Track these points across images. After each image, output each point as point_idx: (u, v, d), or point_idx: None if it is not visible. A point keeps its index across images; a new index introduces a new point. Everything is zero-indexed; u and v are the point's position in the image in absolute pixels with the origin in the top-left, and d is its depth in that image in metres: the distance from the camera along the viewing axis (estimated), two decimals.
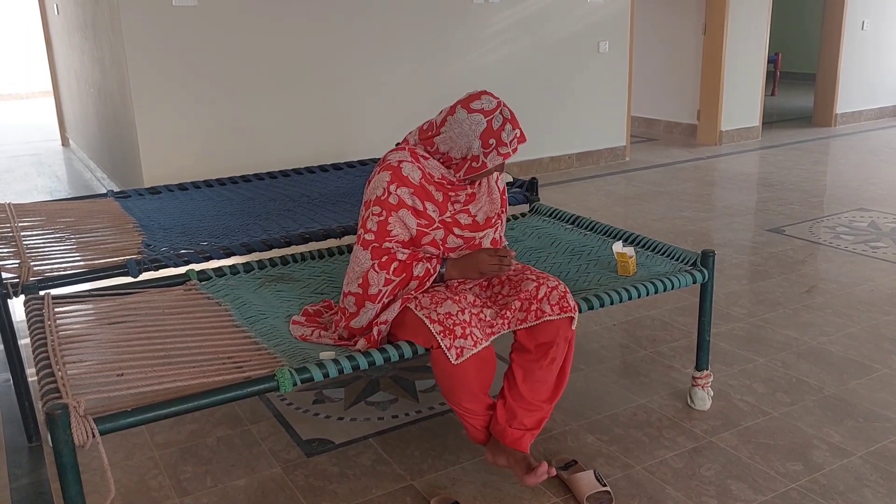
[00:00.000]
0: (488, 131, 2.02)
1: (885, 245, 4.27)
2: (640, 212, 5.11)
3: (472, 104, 2.04)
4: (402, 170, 2.04)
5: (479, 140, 2.02)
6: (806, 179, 5.92)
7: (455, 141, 2.04)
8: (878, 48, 8.40)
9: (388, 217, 2.03)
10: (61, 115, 8.24)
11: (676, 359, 2.97)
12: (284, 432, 2.51)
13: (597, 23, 6.25)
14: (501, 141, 2.02)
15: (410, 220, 2.05)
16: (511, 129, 2.03)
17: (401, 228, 2.05)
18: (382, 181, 2.04)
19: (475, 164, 2.05)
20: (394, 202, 2.03)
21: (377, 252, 2.03)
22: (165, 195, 3.49)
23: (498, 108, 2.04)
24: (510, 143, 2.03)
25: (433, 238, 2.09)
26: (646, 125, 8.27)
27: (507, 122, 2.03)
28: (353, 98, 5.26)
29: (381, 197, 2.03)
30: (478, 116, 2.02)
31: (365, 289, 2.03)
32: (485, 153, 2.02)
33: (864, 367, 2.87)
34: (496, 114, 2.03)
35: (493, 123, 2.02)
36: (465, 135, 2.03)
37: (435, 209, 2.09)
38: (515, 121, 2.05)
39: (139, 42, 4.49)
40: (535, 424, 2.09)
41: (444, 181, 2.10)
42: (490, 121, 2.01)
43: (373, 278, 2.02)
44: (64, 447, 1.54)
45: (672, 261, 2.56)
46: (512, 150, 2.04)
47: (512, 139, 2.03)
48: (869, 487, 2.15)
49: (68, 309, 2.22)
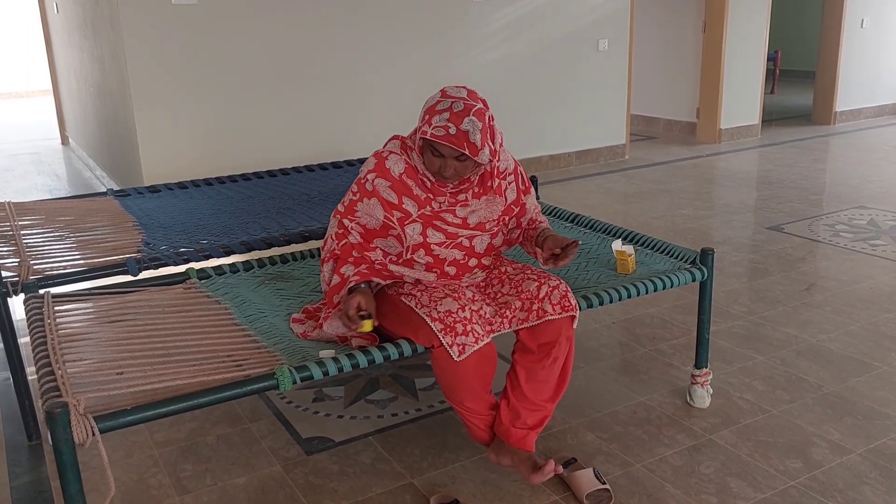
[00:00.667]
0: (430, 107, 1.98)
1: (884, 243, 4.27)
2: (640, 210, 5.11)
3: (449, 86, 2.04)
4: (387, 161, 2.08)
5: (421, 112, 2.01)
6: (805, 177, 5.92)
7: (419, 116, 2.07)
8: (877, 46, 8.39)
9: (359, 200, 2.11)
10: (61, 113, 8.24)
11: (676, 356, 2.97)
12: (284, 430, 2.51)
13: (596, 20, 6.25)
14: (430, 120, 1.95)
15: (379, 212, 2.08)
16: (446, 118, 1.92)
17: (367, 215, 2.10)
18: (367, 167, 2.11)
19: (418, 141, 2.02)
20: (369, 189, 2.09)
21: (339, 224, 2.12)
22: (165, 194, 3.49)
23: (458, 100, 1.95)
24: (434, 127, 1.93)
25: (399, 233, 2.08)
26: (645, 123, 8.27)
27: (448, 112, 1.94)
28: (353, 96, 5.26)
29: (361, 180, 2.12)
30: (438, 93, 2.02)
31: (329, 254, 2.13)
32: (419, 128, 2.01)
33: (864, 364, 2.87)
34: (448, 99, 1.96)
35: (440, 104, 1.96)
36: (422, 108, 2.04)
37: (414, 204, 2.07)
38: (459, 118, 1.92)
39: (139, 40, 4.49)
40: (537, 423, 2.10)
41: (425, 178, 2.08)
42: (440, 101, 1.97)
43: (329, 243, 2.13)
44: (64, 445, 1.54)
45: (671, 259, 2.56)
46: (432, 132, 1.92)
47: (439, 126, 1.92)
48: (868, 485, 2.16)
49: (68, 307, 2.23)
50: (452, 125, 1.92)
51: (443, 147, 1.96)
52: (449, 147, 1.95)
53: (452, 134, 1.92)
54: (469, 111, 1.94)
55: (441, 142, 1.93)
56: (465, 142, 1.93)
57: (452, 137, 1.92)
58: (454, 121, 1.93)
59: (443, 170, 2.00)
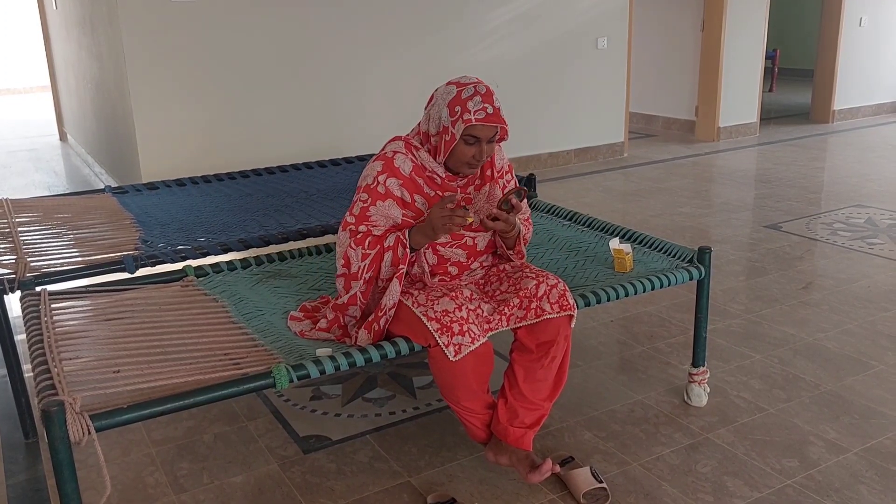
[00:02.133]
0: (455, 99, 2.01)
1: (881, 241, 4.28)
2: (639, 208, 5.11)
3: (452, 79, 2.08)
4: (394, 161, 2.08)
5: (447, 108, 2.02)
6: (803, 176, 5.93)
7: (432, 116, 2.06)
8: (875, 45, 8.40)
9: (371, 205, 2.06)
10: (59, 110, 8.23)
11: (673, 355, 2.97)
12: (281, 429, 2.51)
13: (595, 18, 6.24)
14: (466, 108, 1.99)
15: (396, 211, 2.07)
16: (480, 101, 1.99)
17: (382, 217, 2.07)
18: (374, 170, 2.09)
19: (446, 136, 2.03)
20: (381, 192, 2.06)
21: (354, 233, 2.07)
22: (163, 191, 3.48)
23: (477, 83, 2.04)
24: (474, 112, 1.98)
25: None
26: (644, 121, 8.26)
27: (478, 95, 2.01)
28: (351, 94, 5.26)
29: (371, 185, 2.08)
30: (451, 87, 2.05)
31: (348, 268, 2.06)
32: (452, 122, 2.01)
33: (861, 363, 2.87)
34: (468, 86, 2.03)
35: (463, 93, 2.01)
36: (437, 106, 2.05)
37: (424, 202, 2.10)
38: (490, 98, 2.01)
39: (137, 37, 4.48)
40: (535, 422, 2.10)
41: (435, 175, 2.11)
42: (460, 91, 2.02)
43: (352, 256, 2.05)
44: (60, 444, 1.54)
45: (669, 257, 2.56)
46: (476, 118, 1.98)
47: (478, 109, 1.98)
48: (864, 484, 2.16)
49: (65, 305, 2.22)
50: (489, 105, 2.00)
51: (483, 130, 2.01)
52: (491, 127, 2.02)
53: (491, 113, 2.00)
54: (491, 91, 2.04)
55: (485, 123, 1.99)
56: (501, 118, 2.03)
57: (493, 116, 2.00)
58: (487, 101, 2.00)
59: (478, 156, 2.06)
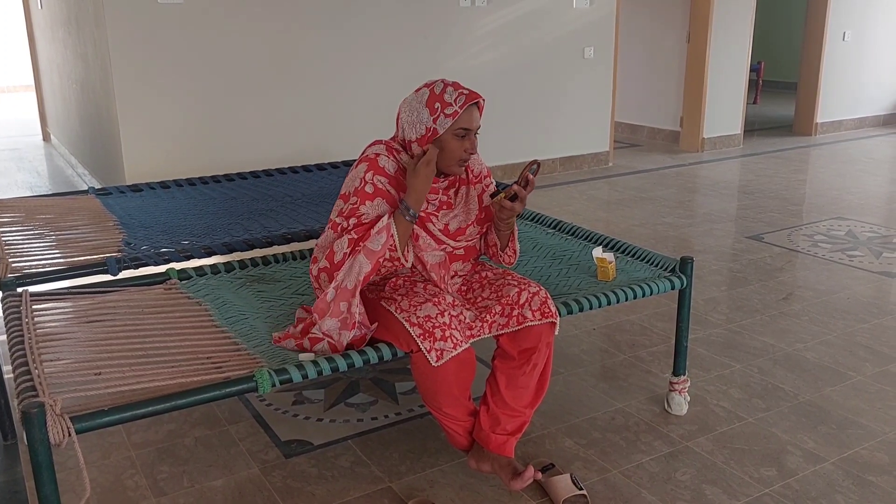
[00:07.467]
0: (431, 97, 2.05)
1: (861, 254, 4.33)
2: (622, 217, 5.15)
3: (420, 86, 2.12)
4: (378, 161, 2.08)
5: (426, 109, 2.04)
6: (786, 188, 5.99)
7: (410, 121, 2.08)
8: (858, 59, 8.50)
9: (361, 204, 2.05)
10: (43, 110, 8.17)
11: (655, 363, 2.99)
12: (263, 433, 2.51)
13: (582, 29, 6.29)
14: (445, 102, 2.03)
15: (385, 209, 2.07)
16: (453, 90, 2.05)
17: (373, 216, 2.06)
18: (360, 173, 2.08)
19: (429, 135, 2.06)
20: (370, 191, 2.06)
21: (346, 229, 2.04)
22: (147, 193, 3.47)
23: (438, 80, 2.10)
24: (455, 101, 2.03)
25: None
26: (629, 131, 8.32)
27: (448, 86, 2.06)
28: (338, 99, 5.26)
29: (359, 187, 2.06)
30: (420, 91, 2.09)
31: (331, 260, 2.02)
32: (433, 119, 2.04)
33: (839, 374, 2.90)
34: (436, 83, 2.08)
35: (435, 89, 2.06)
36: (414, 110, 2.07)
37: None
38: (459, 84, 2.07)
39: (123, 38, 4.47)
40: (517, 429, 2.11)
41: None
42: (431, 88, 2.07)
43: (337, 245, 2.03)
44: (39, 446, 1.53)
45: (651, 266, 2.59)
46: (458, 106, 2.02)
47: (456, 97, 2.03)
48: (841, 493, 2.19)
49: (46, 306, 2.21)
50: (462, 89, 2.05)
51: (469, 119, 2.04)
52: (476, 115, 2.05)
53: (468, 93, 2.04)
54: (458, 83, 2.09)
55: (468, 101, 2.03)
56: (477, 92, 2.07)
57: (472, 94, 2.05)
58: (458, 87, 2.06)
59: (470, 149, 2.08)
